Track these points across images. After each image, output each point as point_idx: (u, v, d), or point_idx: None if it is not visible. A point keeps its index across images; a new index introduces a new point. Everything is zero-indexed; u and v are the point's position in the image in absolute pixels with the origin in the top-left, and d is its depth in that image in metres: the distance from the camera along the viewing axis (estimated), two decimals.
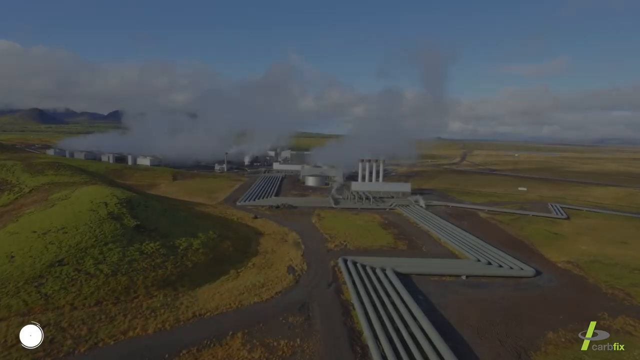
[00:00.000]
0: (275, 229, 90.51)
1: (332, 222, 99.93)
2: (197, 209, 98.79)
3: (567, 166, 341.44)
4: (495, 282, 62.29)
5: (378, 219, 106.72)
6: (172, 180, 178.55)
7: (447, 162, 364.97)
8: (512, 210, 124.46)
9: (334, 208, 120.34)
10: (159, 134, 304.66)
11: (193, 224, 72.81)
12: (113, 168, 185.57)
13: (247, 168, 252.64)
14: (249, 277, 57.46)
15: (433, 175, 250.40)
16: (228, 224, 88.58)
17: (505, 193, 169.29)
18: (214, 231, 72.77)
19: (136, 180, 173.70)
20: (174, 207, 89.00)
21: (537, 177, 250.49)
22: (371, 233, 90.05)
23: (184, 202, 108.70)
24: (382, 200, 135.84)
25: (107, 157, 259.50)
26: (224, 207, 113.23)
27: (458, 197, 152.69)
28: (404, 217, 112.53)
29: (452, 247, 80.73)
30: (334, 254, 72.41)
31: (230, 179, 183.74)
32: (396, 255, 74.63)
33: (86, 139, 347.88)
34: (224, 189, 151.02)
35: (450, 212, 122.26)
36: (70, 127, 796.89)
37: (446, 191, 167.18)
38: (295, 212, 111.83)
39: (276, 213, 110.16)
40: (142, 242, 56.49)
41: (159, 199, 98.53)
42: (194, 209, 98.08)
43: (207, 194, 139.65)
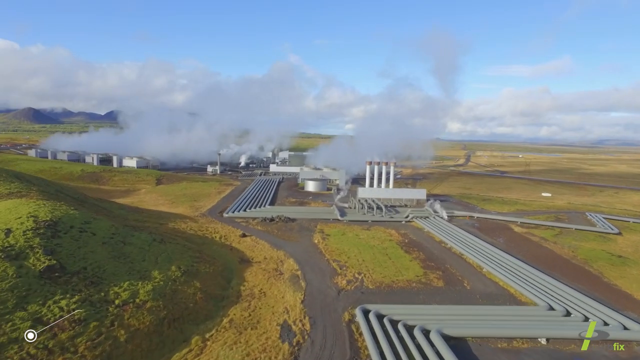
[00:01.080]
0: (267, 254, 68.84)
1: (340, 241, 78.34)
2: (169, 226, 76.94)
3: (578, 168, 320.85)
4: (593, 352, 40.84)
5: (395, 236, 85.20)
6: (156, 184, 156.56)
7: (451, 163, 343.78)
8: (549, 223, 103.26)
9: (339, 221, 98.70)
10: (150, 133, 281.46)
11: (151, 255, 51.10)
12: (91, 171, 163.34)
13: (241, 170, 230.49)
14: (219, 352, 35.84)
15: (441, 178, 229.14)
16: (205, 247, 66.85)
17: (529, 200, 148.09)
18: (181, 265, 51.11)
19: (114, 185, 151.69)
20: (136, 226, 67.24)
21: (554, 180, 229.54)
22: (391, 259, 68.48)
23: (156, 216, 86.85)
24: (394, 210, 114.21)
25: (91, 157, 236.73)
26: (207, 221, 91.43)
27: (477, 204, 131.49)
28: (425, 232, 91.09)
29: (503, 282, 59.29)
30: (348, 298, 50.93)
31: (221, 182, 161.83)
32: (432, 295, 53.25)
33: (71, 139, 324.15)
34: (211, 196, 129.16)
35: (478, 225, 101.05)
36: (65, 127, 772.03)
37: (462, 197, 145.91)
38: (293, 227, 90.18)
39: (270, 228, 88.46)
40: (48, 297, 34.81)
41: (117, 214, 76.48)
42: (165, 226, 76.25)
43: (190, 201, 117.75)
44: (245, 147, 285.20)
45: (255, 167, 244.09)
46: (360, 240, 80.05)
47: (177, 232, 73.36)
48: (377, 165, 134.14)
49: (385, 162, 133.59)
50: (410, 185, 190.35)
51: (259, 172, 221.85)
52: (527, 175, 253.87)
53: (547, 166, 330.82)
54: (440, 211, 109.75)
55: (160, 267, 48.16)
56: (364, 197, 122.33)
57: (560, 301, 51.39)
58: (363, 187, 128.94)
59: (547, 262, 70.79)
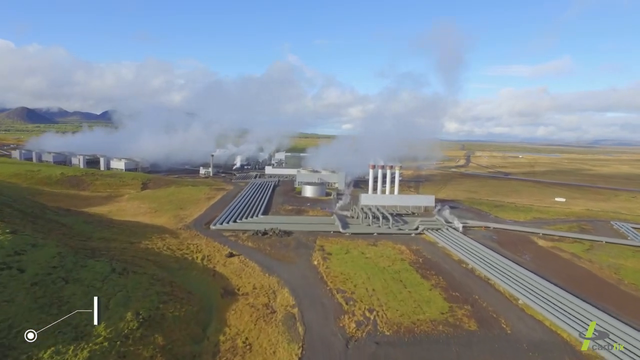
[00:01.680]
0: (257, 281, 56.44)
1: (343, 262, 65.95)
2: (141, 246, 64.21)
3: (581, 169, 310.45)
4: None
5: (407, 254, 72.99)
6: (141, 189, 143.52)
7: (452, 164, 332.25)
8: (576, 235, 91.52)
9: (341, 234, 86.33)
10: (144, 133, 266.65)
11: (102, 296, 38.44)
12: (71, 174, 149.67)
13: (235, 172, 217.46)
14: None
15: (444, 180, 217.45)
16: (182, 275, 54.34)
17: (544, 206, 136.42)
18: (141, 308, 38.56)
19: (95, 190, 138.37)
20: (97, 249, 54.52)
21: (561, 182, 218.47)
22: (407, 287, 56.26)
23: (130, 231, 74.01)
24: (402, 219, 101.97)
25: (77, 159, 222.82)
26: (190, 235, 78.79)
27: (489, 211, 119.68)
28: (439, 248, 78.97)
29: (549, 321, 47.15)
30: (360, 353, 38.66)
31: (212, 186, 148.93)
32: (467, 345, 41.05)
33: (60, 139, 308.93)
34: (199, 202, 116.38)
35: (497, 238, 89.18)
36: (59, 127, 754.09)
37: (472, 203, 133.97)
38: (289, 243, 77.72)
39: (262, 244, 75.97)
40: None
41: (78, 232, 63.31)
42: (136, 246, 63.51)
43: (175, 210, 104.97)
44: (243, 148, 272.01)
45: (250, 169, 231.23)
46: (367, 260, 67.73)
47: (150, 254, 60.64)
48: (382, 169, 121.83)
49: (390, 165, 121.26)
50: (413, 188, 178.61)
51: (254, 174, 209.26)
52: (532, 177, 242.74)
53: (550, 167, 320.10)
54: (453, 221, 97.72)
55: (110, 317, 35.57)
56: (367, 204, 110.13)
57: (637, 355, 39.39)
58: (366, 194, 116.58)
59: (590, 289, 58.85)
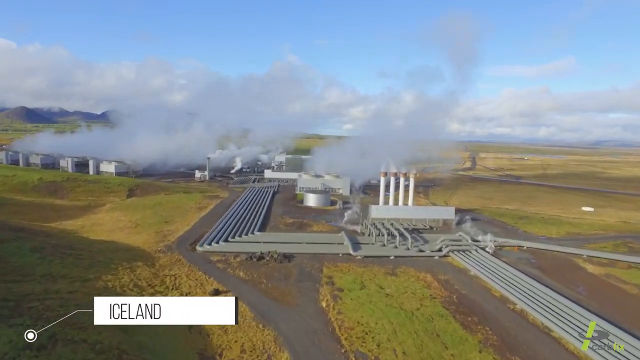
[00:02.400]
0: (247, 338, 41.61)
1: (359, 304, 51.09)
2: (98, 285, 49.16)
3: (593, 172, 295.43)
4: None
5: (436, 288, 58.16)
6: (127, 196, 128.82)
7: (459, 166, 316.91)
8: (629, 259, 76.43)
9: (352, 257, 71.62)
10: (140, 134, 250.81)
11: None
12: (50, 180, 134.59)
13: (232, 176, 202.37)
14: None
15: (454, 184, 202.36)
16: (144, 331, 39.40)
17: (573, 217, 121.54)
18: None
19: (75, 198, 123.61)
20: (29, 295, 39.69)
21: (579, 187, 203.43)
22: (448, 346, 41.45)
23: (92, 257, 59.00)
24: (420, 236, 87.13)
25: (66, 161, 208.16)
26: (169, 261, 63.97)
27: (515, 224, 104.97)
28: (473, 278, 64.15)
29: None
30: None
31: (205, 193, 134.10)
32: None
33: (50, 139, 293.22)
34: (189, 214, 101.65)
35: (535, 261, 74.49)
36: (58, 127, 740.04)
37: (491, 213, 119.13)
38: (289, 272, 62.90)
39: (257, 274, 61.13)
40: None
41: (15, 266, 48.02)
42: (89, 285, 48.44)
43: (159, 224, 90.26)
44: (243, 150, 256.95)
45: (249, 173, 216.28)
46: (389, 299, 52.84)
47: (110, 294, 45.79)
48: (394, 176, 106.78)
49: (403, 172, 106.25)
50: (423, 194, 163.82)
51: (253, 178, 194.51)
52: (545, 182, 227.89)
53: (560, 170, 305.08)
54: (480, 239, 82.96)
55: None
56: (378, 217, 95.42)
57: None
58: (376, 205, 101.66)
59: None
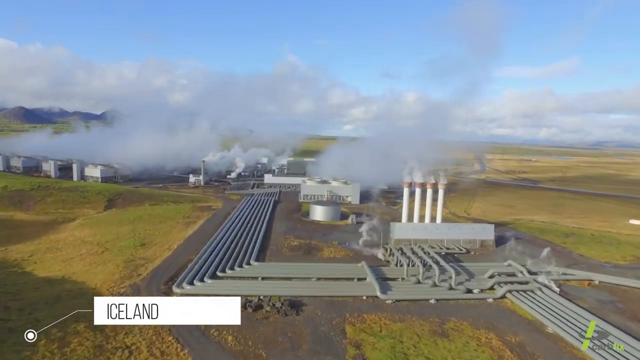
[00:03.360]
0: None
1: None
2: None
3: (609, 175, 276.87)
4: None
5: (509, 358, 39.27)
6: (104, 208, 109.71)
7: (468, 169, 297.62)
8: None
9: (381, 304, 52.57)
10: (135, 135, 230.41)
11: None
12: (16, 189, 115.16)
13: (230, 181, 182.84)
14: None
15: (470, 190, 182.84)
16: None
17: (626, 233, 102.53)
18: None
19: (42, 210, 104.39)
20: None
21: (604, 193, 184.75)
22: None
23: (32, 302, 39.86)
24: (459, 266, 67.90)
25: (49, 165, 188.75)
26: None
27: (563, 243, 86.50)
28: (553, 338, 45.15)
29: None
30: None
31: (196, 205, 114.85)
32: None
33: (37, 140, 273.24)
34: (173, 232, 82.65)
35: (621, 306, 55.59)
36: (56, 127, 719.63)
37: (528, 229, 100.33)
38: (299, 334, 43.86)
39: (253, 339, 42.10)
40: None
41: None
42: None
43: (133, 248, 71.14)
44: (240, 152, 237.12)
45: (248, 177, 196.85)
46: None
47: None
48: (420, 186, 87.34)
49: (432, 182, 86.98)
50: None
51: (252, 182, 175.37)
52: (565, 186, 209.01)
53: (575, 172, 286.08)
54: (537, 270, 63.99)
55: None
56: (402, 238, 76.50)
57: None
58: (400, 223, 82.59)
59: None
